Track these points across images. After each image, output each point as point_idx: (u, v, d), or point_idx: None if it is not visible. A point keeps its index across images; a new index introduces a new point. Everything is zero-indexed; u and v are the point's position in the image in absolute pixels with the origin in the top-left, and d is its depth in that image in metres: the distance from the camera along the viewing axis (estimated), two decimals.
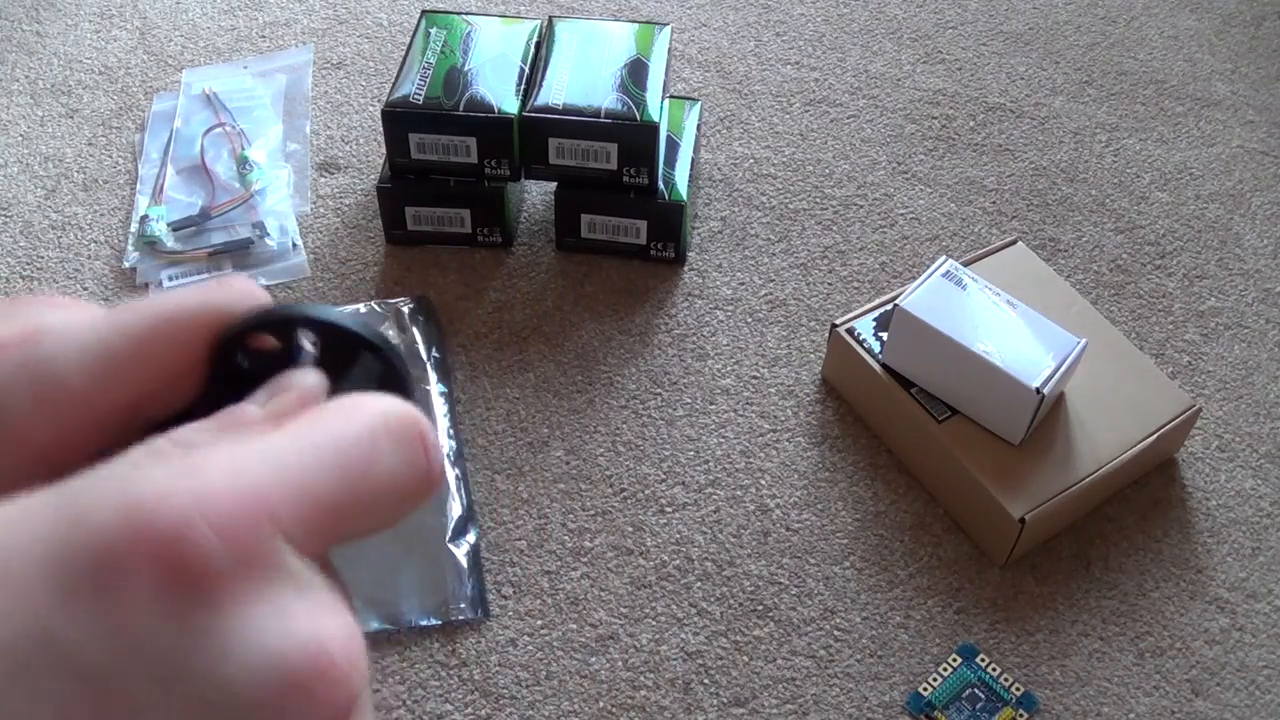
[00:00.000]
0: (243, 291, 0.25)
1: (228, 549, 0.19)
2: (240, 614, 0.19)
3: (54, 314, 0.25)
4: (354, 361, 0.26)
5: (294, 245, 0.91)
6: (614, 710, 0.69)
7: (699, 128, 0.92)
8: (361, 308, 0.85)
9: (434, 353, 0.83)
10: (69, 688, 0.18)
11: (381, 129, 0.86)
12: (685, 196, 0.87)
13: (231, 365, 0.25)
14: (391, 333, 0.83)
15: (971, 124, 1.04)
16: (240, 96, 1.01)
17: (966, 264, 0.84)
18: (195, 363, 0.25)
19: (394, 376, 0.26)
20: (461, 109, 0.84)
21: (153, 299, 0.25)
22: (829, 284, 0.91)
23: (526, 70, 0.87)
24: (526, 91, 0.85)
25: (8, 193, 0.95)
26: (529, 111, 0.84)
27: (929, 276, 0.77)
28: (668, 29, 0.90)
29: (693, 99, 0.94)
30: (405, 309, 0.85)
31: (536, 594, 0.74)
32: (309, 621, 0.20)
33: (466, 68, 0.87)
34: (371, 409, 0.23)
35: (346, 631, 0.21)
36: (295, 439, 0.22)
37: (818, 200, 0.96)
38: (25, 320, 0.25)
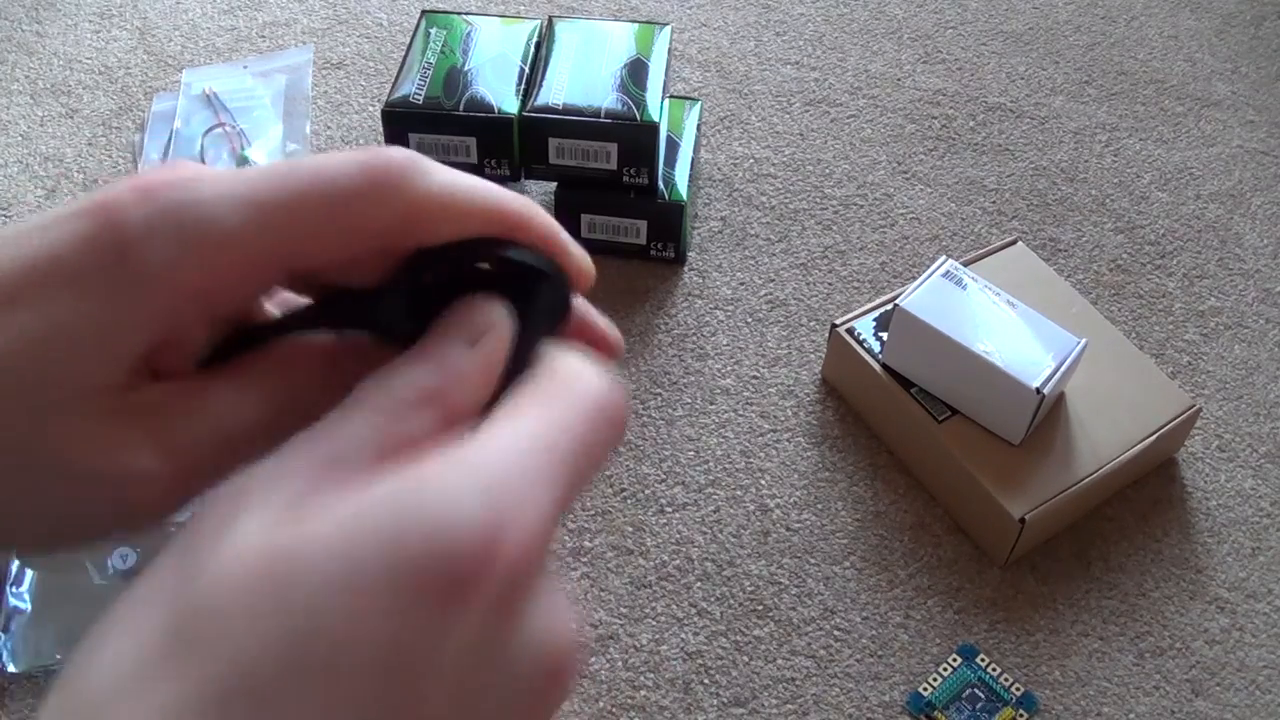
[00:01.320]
0: (402, 172, 0.26)
1: (539, 567, 0.22)
2: (527, 612, 0.23)
3: (208, 168, 0.26)
4: (533, 293, 0.28)
5: None
6: (614, 710, 0.69)
7: (699, 128, 0.92)
8: None
9: None
10: (396, 683, 0.21)
11: (381, 129, 0.86)
12: (685, 196, 0.87)
13: (415, 275, 0.27)
14: None
15: (971, 124, 1.04)
16: (240, 96, 1.01)
17: (966, 264, 0.84)
18: (351, 228, 0.25)
19: (562, 303, 0.28)
20: (461, 109, 0.84)
21: (316, 159, 0.26)
22: (829, 284, 0.91)
23: (526, 70, 0.87)
24: (526, 91, 0.85)
25: (8, 193, 0.95)
26: (529, 111, 0.84)
27: (929, 276, 0.77)
28: (668, 29, 0.90)
29: (693, 99, 0.94)
30: None
31: None
32: (562, 611, 0.23)
33: (466, 68, 0.87)
34: (589, 392, 0.25)
35: (577, 617, 0.24)
36: (546, 438, 0.24)
37: (818, 200, 0.96)
38: (178, 168, 0.25)
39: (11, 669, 0.67)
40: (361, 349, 0.27)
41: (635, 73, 0.86)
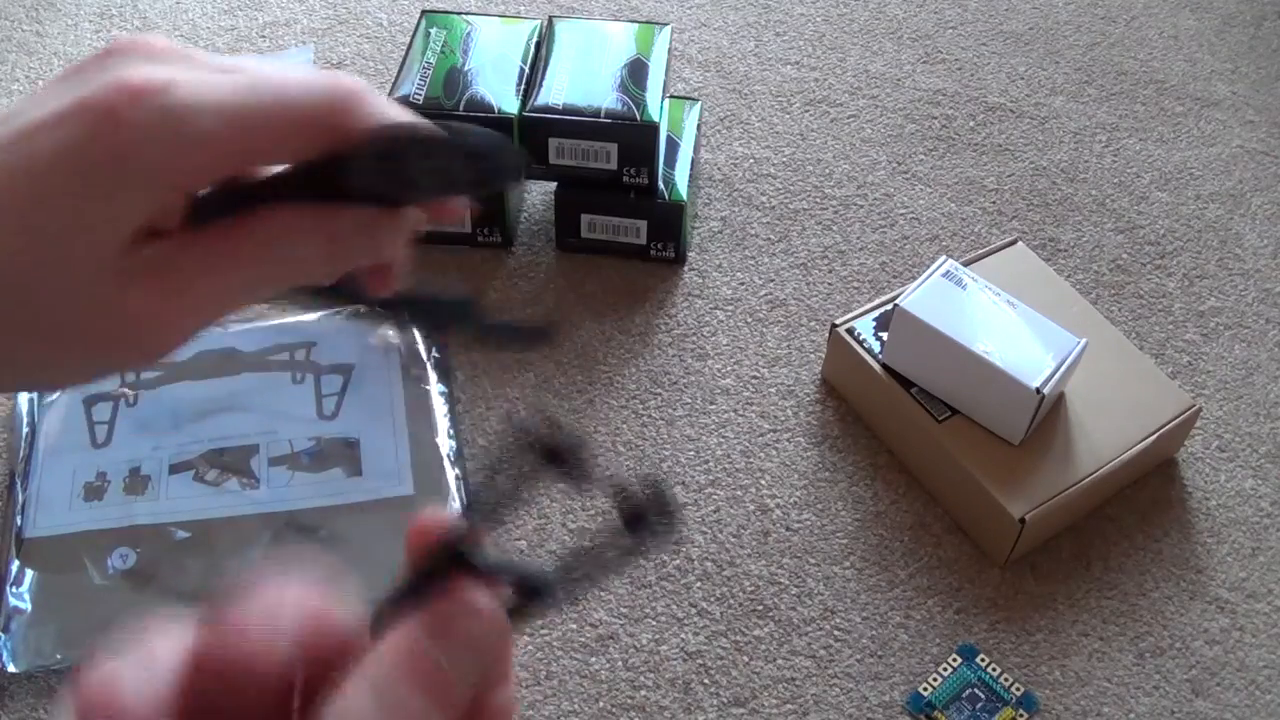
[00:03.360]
0: (352, 104, 0.31)
1: None
2: None
3: (190, 69, 0.30)
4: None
5: None
6: (614, 710, 0.69)
7: (699, 128, 0.92)
8: (362, 308, 0.85)
9: (434, 353, 0.83)
10: None
11: None
12: (685, 196, 0.87)
13: (375, 148, 0.31)
14: (391, 333, 0.84)
15: (971, 124, 1.04)
16: None
17: (966, 264, 0.84)
18: (305, 143, 0.30)
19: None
20: (461, 109, 0.84)
21: (277, 79, 0.30)
22: (829, 284, 0.91)
23: (526, 70, 0.87)
24: (526, 91, 0.85)
25: None
26: (529, 111, 0.84)
27: (929, 276, 0.77)
28: (668, 29, 0.90)
29: (693, 99, 0.94)
30: None
31: None
32: None
33: (466, 68, 0.87)
34: None
35: None
36: None
37: (818, 200, 0.96)
38: (163, 68, 0.29)
39: (11, 669, 0.67)
40: (334, 211, 0.32)
41: (635, 73, 0.86)
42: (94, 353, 0.31)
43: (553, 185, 0.90)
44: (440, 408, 0.80)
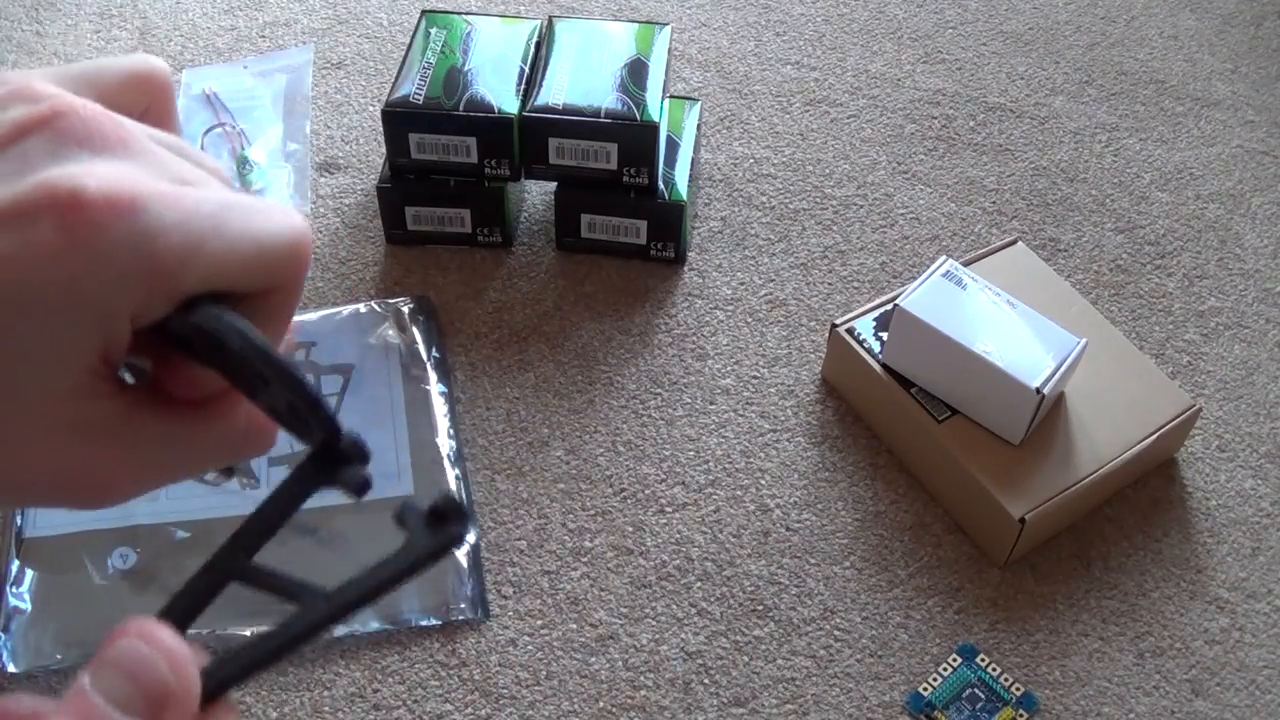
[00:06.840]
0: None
1: None
2: None
3: (149, 173, 0.26)
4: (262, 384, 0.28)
5: None
6: (614, 710, 0.69)
7: (699, 128, 0.92)
8: (361, 308, 0.85)
9: (434, 353, 0.83)
10: None
11: (381, 129, 0.86)
12: (685, 196, 0.87)
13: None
14: (391, 333, 0.83)
15: (971, 124, 1.04)
16: (240, 96, 1.01)
17: (966, 264, 0.84)
18: (257, 285, 0.28)
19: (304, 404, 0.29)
20: (461, 109, 0.84)
21: (253, 208, 0.27)
22: (829, 284, 0.91)
23: (526, 70, 0.87)
24: (526, 91, 0.85)
25: None
26: (529, 111, 0.84)
27: (929, 276, 0.77)
28: (668, 29, 0.90)
29: (693, 99, 0.94)
30: (405, 309, 0.85)
31: (536, 594, 0.74)
32: None
33: (466, 68, 0.87)
34: None
35: None
36: None
37: (818, 200, 0.96)
38: (120, 169, 0.25)
39: (11, 669, 0.67)
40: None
41: (635, 73, 0.86)
42: (27, 499, 0.27)
43: (553, 185, 0.90)
44: (440, 408, 0.80)
